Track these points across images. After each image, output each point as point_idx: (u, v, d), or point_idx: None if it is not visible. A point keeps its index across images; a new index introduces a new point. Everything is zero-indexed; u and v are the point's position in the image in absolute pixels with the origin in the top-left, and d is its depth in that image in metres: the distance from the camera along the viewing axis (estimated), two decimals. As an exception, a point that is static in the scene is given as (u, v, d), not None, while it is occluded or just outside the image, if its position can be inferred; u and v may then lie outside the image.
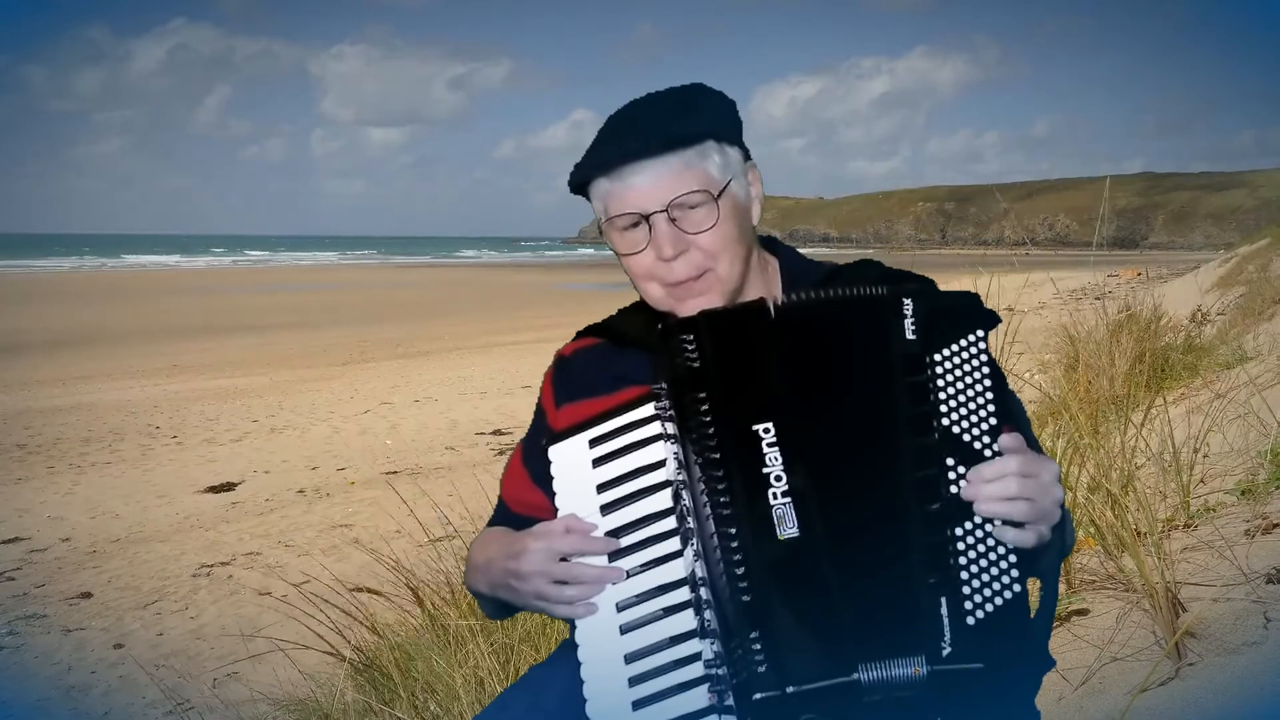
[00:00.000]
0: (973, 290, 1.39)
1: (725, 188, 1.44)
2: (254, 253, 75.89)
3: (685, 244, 1.44)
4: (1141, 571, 2.67)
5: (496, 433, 9.48)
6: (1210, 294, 11.68)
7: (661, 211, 1.43)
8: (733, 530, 1.24)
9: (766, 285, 1.53)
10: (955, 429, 1.27)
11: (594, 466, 1.37)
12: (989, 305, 1.38)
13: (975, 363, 1.29)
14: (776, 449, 1.26)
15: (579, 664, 1.32)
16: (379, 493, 7.20)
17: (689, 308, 1.44)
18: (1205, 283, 14.36)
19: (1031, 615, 1.30)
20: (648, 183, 1.43)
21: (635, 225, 1.45)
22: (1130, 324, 6.19)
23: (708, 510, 1.26)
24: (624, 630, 1.31)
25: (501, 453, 8.59)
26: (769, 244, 1.59)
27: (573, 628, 1.35)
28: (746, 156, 1.51)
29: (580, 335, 1.61)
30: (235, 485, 7.91)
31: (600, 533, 1.35)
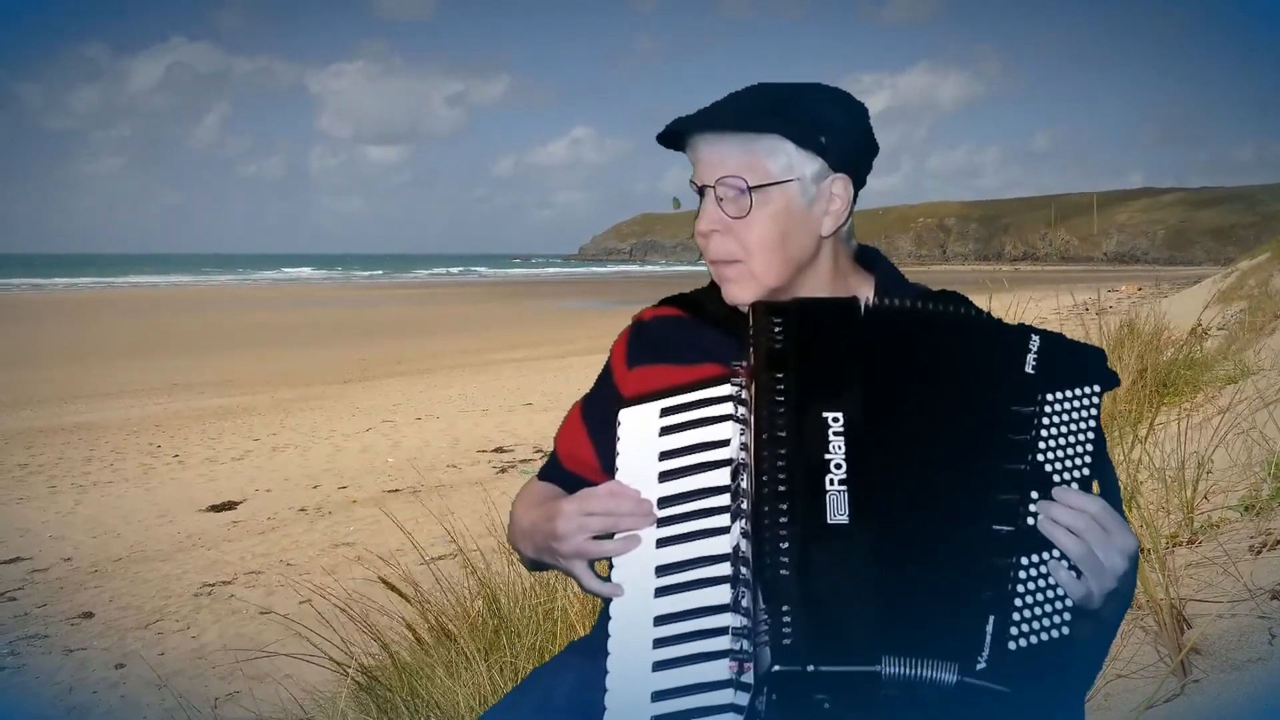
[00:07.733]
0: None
1: (770, 185, 1.44)
2: (254, 272, 76.00)
3: (722, 225, 1.46)
4: (1146, 588, 2.66)
5: (499, 450, 9.47)
6: (1211, 309, 11.68)
7: (710, 186, 1.46)
8: (784, 506, 1.25)
9: (853, 294, 1.51)
10: (1048, 467, 1.29)
11: (660, 435, 1.40)
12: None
13: (1085, 414, 1.31)
14: (841, 438, 1.27)
15: (606, 628, 1.33)
16: (381, 510, 7.19)
17: (727, 291, 1.48)
18: (1206, 297, 14.36)
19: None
20: (704, 156, 1.46)
21: (700, 192, 1.48)
22: (1132, 338, 6.20)
23: (766, 488, 1.26)
24: (658, 593, 1.33)
25: (504, 470, 8.59)
26: (868, 258, 1.58)
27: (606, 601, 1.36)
28: (846, 170, 1.47)
29: (661, 304, 1.62)
30: (237, 504, 7.90)
31: (654, 498, 1.37)
